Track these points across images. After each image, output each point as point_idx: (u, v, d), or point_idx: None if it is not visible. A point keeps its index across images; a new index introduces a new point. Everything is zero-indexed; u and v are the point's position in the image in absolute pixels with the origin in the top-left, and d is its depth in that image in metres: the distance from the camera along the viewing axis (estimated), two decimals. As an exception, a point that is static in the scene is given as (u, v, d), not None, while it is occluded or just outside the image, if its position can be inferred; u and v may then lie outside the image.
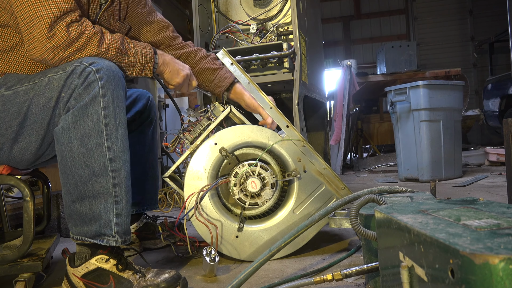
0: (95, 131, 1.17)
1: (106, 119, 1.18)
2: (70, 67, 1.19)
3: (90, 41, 1.23)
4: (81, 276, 1.22)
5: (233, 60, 1.69)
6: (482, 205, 0.78)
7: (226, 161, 1.56)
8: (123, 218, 1.21)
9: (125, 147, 1.23)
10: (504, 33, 6.38)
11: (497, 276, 0.46)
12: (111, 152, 1.19)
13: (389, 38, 9.51)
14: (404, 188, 1.25)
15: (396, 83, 4.98)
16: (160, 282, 1.18)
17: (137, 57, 1.34)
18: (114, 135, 1.19)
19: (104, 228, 1.19)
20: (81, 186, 1.19)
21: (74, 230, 1.23)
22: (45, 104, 1.20)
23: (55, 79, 1.20)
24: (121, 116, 1.22)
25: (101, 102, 1.17)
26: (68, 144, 1.18)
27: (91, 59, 1.20)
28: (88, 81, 1.17)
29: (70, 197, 1.21)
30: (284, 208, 1.58)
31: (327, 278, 1.02)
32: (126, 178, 1.22)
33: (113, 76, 1.20)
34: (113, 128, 1.19)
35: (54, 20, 1.16)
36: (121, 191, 1.20)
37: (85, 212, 1.20)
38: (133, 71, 1.35)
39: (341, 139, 4.78)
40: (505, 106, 5.65)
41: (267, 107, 1.61)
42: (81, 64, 1.18)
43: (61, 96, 1.19)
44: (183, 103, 4.13)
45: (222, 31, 2.50)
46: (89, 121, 1.17)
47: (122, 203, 1.21)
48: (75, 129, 1.17)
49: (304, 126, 2.30)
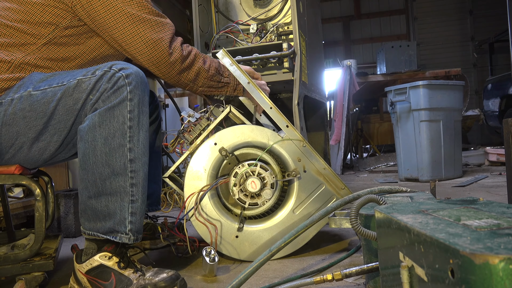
0: (119, 132, 1.21)
1: (131, 121, 1.22)
2: (100, 71, 1.23)
3: (197, 58, 1.44)
4: (85, 272, 1.24)
5: (232, 60, 1.69)
6: (482, 205, 0.78)
7: (226, 161, 1.56)
8: (137, 217, 1.24)
9: (146, 149, 1.27)
10: (504, 33, 6.37)
11: (497, 276, 0.46)
12: (132, 154, 1.22)
13: (389, 38, 9.50)
14: (404, 188, 1.25)
15: (396, 83, 4.98)
16: (158, 281, 1.19)
17: (231, 78, 1.55)
18: (136, 137, 1.23)
19: (118, 225, 1.22)
20: (100, 183, 1.22)
21: (86, 225, 1.25)
22: (72, 106, 1.23)
23: (84, 81, 1.23)
24: (144, 120, 1.26)
25: (128, 106, 1.22)
26: (92, 142, 1.21)
27: (120, 64, 1.24)
28: (118, 85, 1.21)
29: (87, 193, 1.23)
30: (284, 208, 1.58)
31: (327, 278, 1.02)
32: (144, 179, 1.26)
33: (141, 82, 1.25)
34: (136, 131, 1.23)
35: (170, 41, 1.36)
36: (137, 191, 1.24)
37: (101, 208, 1.22)
38: (227, 90, 1.56)
39: (341, 139, 4.78)
40: (505, 106, 5.65)
41: (267, 107, 1.61)
42: (111, 70, 1.23)
43: (89, 98, 1.22)
44: (183, 103, 4.13)
45: (222, 31, 2.50)
46: (114, 122, 1.21)
47: (138, 203, 1.24)
48: (101, 128, 1.21)
49: (304, 126, 2.30)
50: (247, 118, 1.64)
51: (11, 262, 1.25)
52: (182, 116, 1.67)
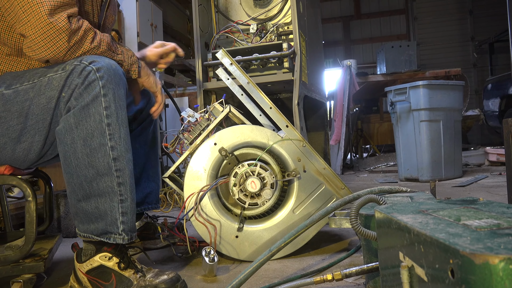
0: (98, 131, 1.18)
1: (109, 118, 1.18)
2: (70, 66, 1.19)
3: (86, 35, 1.23)
4: (85, 272, 1.24)
5: (232, 60, 1.69)
6: (482, 205, 0.78)
7: (225, 161, 1.56)
8: (129, 216, 1.22)
9: (128, 146, 1.23)
10: (504, 33, 6.38)
11: (497, 276, 0.46)
12: (114, 152, 1.19)
13: (389, 38, 9.51)
14: (404, 188, 1.25)
15: (396, 83, 4.98)
16: (159, 283, 1.18)
17: (125, 56, 1.34)
18: (117, 134, 1.20)
19: (110, 226, 1.20)
20: (86, 185, 1.20)
21: (80, 228, 1.24)
22: (46, 104, 1.20)
23: (55, 78, 1.19)
24: (123, 115, 1.22)
25: (103, 102, 1.17)
26: (72, 144, 1.18)
27: (91, 57, 1.20)
28: (89, 80, 1.16)
29: (75, 196, 1.22)
30: (284, 208, 1.57)
31: (327, 278, 1.02)
32: (130, 177, 1.23)
33: (113, 75, 1.20)
34: (116, 127, 1.20)
35: (54, 8, 1.16)
36: (126, 190, 1.21)
37: (91, 210, 1.21)
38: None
39: (341, 139, 4.78)
40: (505, 106, 5.65)
41: (267, 107, 1.61)
42: (81, 63, 1.18)
43: (62, 96, 1.19)
44: (183, 103, 4.13)
45: (222, 31, 2.50)
46: (91, 121, 1.17)
47: (127, 202, 1.22)
48: (78, 129, 1.17)
49: (304, 126, 2.30)
50: (247, 118, 1.64)
51: (0, 264, 1.22)
52: (182, 116, 1.67)
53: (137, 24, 3.59)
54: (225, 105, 1.65)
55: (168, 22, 4.86)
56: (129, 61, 1.36)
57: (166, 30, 4.68)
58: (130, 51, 1.39)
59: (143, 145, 1.75)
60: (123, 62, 1.34)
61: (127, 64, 1.35)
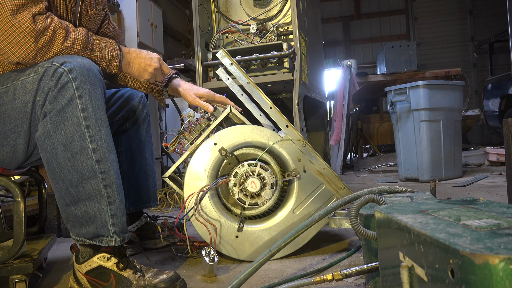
0: (77, 135, 1.15)
1: (87, 120, 1.15)
2: (42, 68, 1.15)
3: (56, 35, 1.17)
4: (84, 273, 1.24)
5: (232, 60, 1.69)
6: (482, 205, 0.78)
7: (226, 161, 1.56)
8: (119, 218, 1.21)
9: (110, 147, 1.20)
10: (504, 33, 6.38)
11: (497, 276, 0.46)
12: (97, 154, 1.16)
13: (389, 38, 9.51)
14: (404, 188, 1.25)
15: (396, 83, 4.98)
16: (158, 282, 1.18)
17: (103, 52, 1.29)
18: (97, 136, 1.17)
19: (101, 229, 1.19)
20: (72, 190, 1.18)
21: (74, 232, 1.23)
22: (22, 108, 1.18)
23: (28, 82, 1.16)
24: (102, 115, 1.18)
25: (79, 104, 1.14)
26: (52, 150, 1.16)
27: (62, 58, 1.16)
28: (61, 82, 1.13)
29: (63, 201, 1.20)
30: (284, 208, 1.58)
31: (327, 278, 1.02)
32: (116, 178, 1.21)
33: (87, 75, 1.15)
34: (96, 129, 1.16)
35: (17, 8, 1.10)
36: (113, 191, 1.19)
37: (81, 214, 1.19)
38: (99, 67, 1.28)
39: (341, 139, 4.78)
40: (505, 106, 5.65)
41: (267, 107, 1.61)
42: (52, 65, 1.14)
43: (36, 100, 1.16)
44: (183, 103, 4.13)
45: (222, 31, 2.50)
46: (69, 125, 1.14)
47: (115, 204, 1.20)
48: (57, 134, 1.14)
49: (304, 126, 2.30)
50: (247, 118, 1.64)
51: None
52: (182, 116, 1.67)
53: (137, 24, 3.59)
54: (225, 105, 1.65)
55: (168, 22, 4.86)
56: (108, 57, 1.30)
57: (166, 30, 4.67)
58: (112, 43, 1.33)
59: (137, 144, 1.75)
60: (101, 59, 1.28)
61: (105, 60, 1.29)
